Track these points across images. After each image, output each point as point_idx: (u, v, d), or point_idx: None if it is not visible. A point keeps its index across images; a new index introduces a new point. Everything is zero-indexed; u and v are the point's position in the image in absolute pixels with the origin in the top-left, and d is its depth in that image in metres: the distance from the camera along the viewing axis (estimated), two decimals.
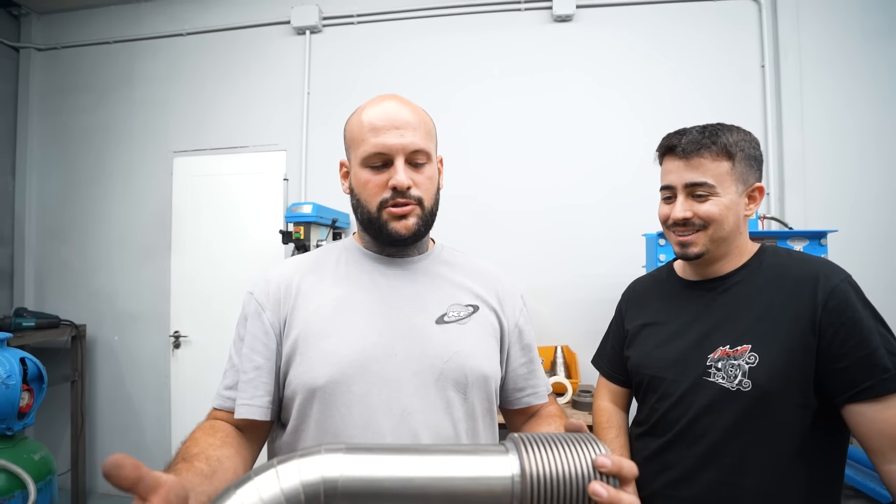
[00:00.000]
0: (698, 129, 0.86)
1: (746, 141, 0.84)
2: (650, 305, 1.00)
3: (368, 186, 0.71)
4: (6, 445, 1.17)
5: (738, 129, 0.86)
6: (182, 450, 0.60)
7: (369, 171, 0.71)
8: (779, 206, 2.30)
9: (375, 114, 0.72)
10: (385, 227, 0.71)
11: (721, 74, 2.35)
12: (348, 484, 0.44)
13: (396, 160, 0.70)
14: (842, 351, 0.74)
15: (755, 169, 0.85)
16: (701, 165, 0.83)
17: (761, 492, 0.77)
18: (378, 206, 0.71)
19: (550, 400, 0.86)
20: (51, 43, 2.91)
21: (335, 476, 0.44)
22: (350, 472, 0.45)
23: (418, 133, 0.72)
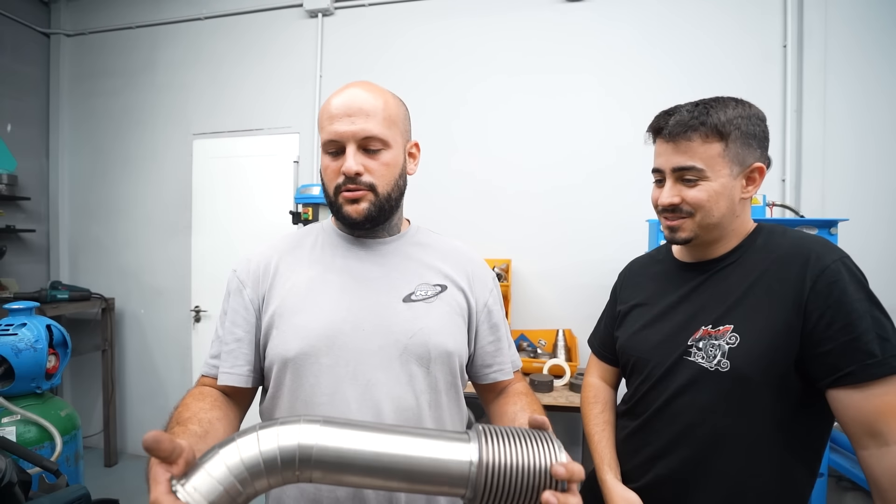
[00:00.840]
0: (688, 108, 0.81)
1: (744, 117, 0.78)
2: (643, 286, 0.99)
3: (327, 172, 0.75)
4: (36, 402, 1.30)
5: (737, 104, 0.80)
6: (175, 414, 0.67)
7: (328, 158, 0.75)
8: (794, 194, 2.23)
9: (335, 102, 0.74)
10: (340, 209, 0.75)
11: (741, 54, 2.26)
12: (322, 453, 0.49)
13: (348, 147, 0.72)
14: (827, 334, 0.70)
15: (755, 148, 0.79)
16: (689, 149, 0.79)
17: (734, 471, 0.78)
18: (335, 191, 0.75)
19: (517, 377, 0.90)
20: (79, 29, 3.03)
21: (310, 444, 0.49)
22: (324, 442, 0.49)
23: (373, 120, 0.73)
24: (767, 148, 0.83)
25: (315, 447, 0.49)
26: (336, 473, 0.50)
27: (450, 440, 0.52)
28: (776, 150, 2.22)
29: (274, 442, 0.49)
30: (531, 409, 0.79)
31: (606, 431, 0.98)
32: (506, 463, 0.50)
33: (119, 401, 2.96)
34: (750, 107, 0.81)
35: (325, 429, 0.50)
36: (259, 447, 0.48)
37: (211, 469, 0.47)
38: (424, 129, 2.52)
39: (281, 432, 0.49)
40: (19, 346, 1.22)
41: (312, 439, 0.49)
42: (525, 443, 0.53)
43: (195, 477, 0.47)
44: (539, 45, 2.43)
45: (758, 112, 0.81)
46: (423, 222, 2.28)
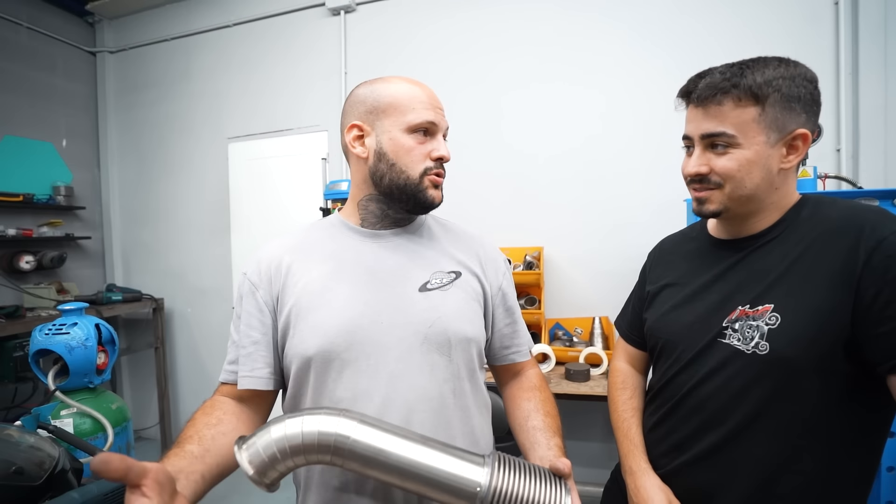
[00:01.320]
0: (722, 69, 0.74)
1: (786, 78, 0.70)
2: (675, 264, 0.92)
3: (413, 153, 0.74)
4: (89, 396, 1.39)
5: (780, 64, 0.72)
6: (181, 433, 0.67)
7: (415, 139, 0.75)
8: (852, 164, 2.04)
9: (421, 89, 0.77)
10: (424, 192, 0.76)
11: (787, 13, 2.08)
12: (354, 444, 0.56)
13: (439, 135, 0.77)
14: (885, 313, 0.63)
15: (798, 112, 0.71)
16: (720, 113, 0.72)
17: (768, 464, 0.71)
18: (422, 173, 0.75)
19: (532, 362, 0.89)
20: (120, 45, 3.20)
21: (347, 435, 0.56)
22: (360, 437, 0.57)
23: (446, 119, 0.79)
24: (817, 114, 0.75)
25: (350, 439, 0.56)
26: (364, 467, 0.57)
27: (466, 460, 0.58)
28: (829, 117, 2.04)
29: (316, 427, 0.56)
30: (544, 411, 0.80)
31: (635, 419, 0.93)
32: (510, 494, 0.56)
33: (172, 394, 3.13)
34: (796, 66, 0.73)
35: (362, 427, 0.57)
36: (302, 428, 0.56)
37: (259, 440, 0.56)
38: (453, 120, 2.49)
39: (323, 421, 0.57)
40: (72, 343, 1.31)
41: (350, 432, 0.57)
42: (534, 481, 0.58)
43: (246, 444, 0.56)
44: (563, 26, 2.34)
45: (805, 72, 0.73)
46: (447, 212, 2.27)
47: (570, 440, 2.27)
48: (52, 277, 2.83)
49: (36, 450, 0.84)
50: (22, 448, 0.82)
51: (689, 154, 0.80)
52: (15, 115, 2.75)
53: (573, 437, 2.24)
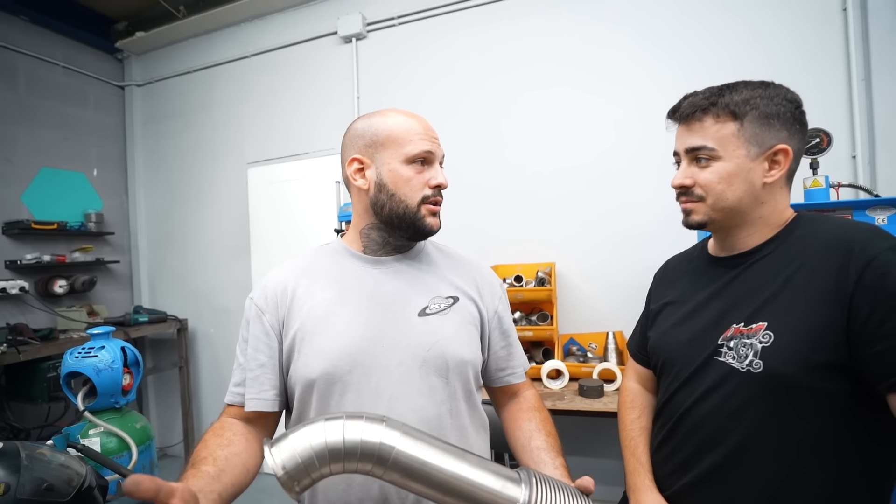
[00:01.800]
0: (704, 91, 0.80)
1: (764, 98, 0.75)
2: (676, 283, 0.94)
3: (411, 182, 0.78)
4: (115, 416, 1.46)
5: (759, 85, 0.77)
6: (193, 455, 0.71)
7: (413, 169, 0.78)
8: (868, 171, 2.01)
9: (416, 121, 0.80)
10: (422, 220, 0.79)
11: (794, 22, 2.08)
12: (399, 455, 0.55)
13: (436, 164, 0.80)
14: (880, 332, 0.63)
15: (778, 129, 0.75)
16: (701, 129, 0.77)
17: (769, 485, 0.71)
18: (419, 201, 0.78)
19: (527, 383, 0.92)
20: (147, 78, 3.38)
21: (392, 445, 0.54)
22: (404, 447, 0.55)
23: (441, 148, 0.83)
24: (801, 133, 0.77)
25: (395, 450, 0.54)
26: (404, 477, 0.55)
27: (505, 478, 0.57)
28: (843, 123, 2.02)
29: (358, 434, 0.54)
30: (545, 431, 0.81)
31: (642, 438, 0.93)
32: None
33: (196, 413, 3.21)
34: (776, 87, 0.77)
35: (405, 438, 0.56)
36: (344, 435, 0.54)
37: (295, 443, 0.54)
38: (462, 137, 2.55)
39: (366, 428, 0.55)
40: (99, 366, 1.39)
41: (394, 442, 0.55)
42: (568, 499, 0.58)
43: (278, 446, 0.54)
44: (570, 42, 2.38)
45: (785, 93, 0.77)
46: (459, 231, 2.33)
47: (584, 457, 2.24)
48: (84, 300, 2.97)
49: (65, 468, 0.89)
50: (53, 466, 0.87)
51: (678, 169, 0.84)
52: (51, 149, 2.93)
53: (587, 454, 2.22)
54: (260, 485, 2.84)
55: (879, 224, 1.58)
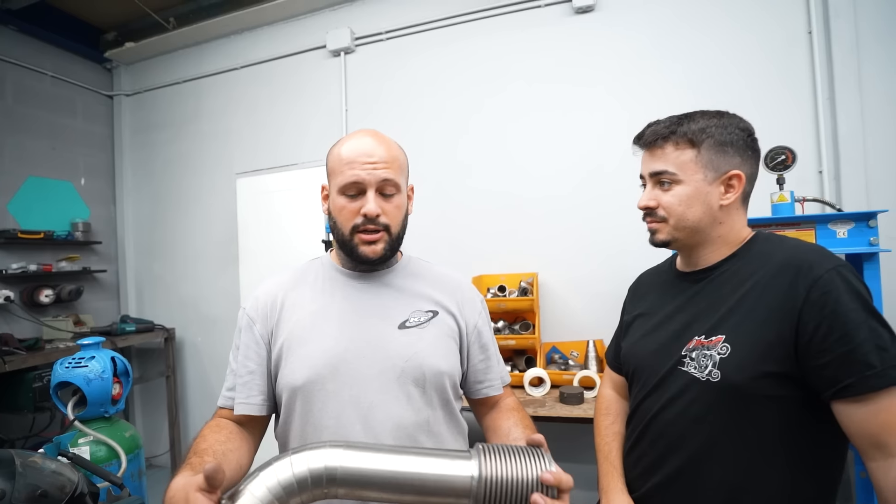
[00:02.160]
0: (665, 120, 0.87)
1: (719, 127, 0.82)
2: (647, 296, 1.01)
3: (343, 212, 0.82)
4: (105, 425, 1.48)
5: (714, 115, 0.84)
6: (193, 445, 0.75)
7: (345, 199, 0.81)
8: (834, 186, 2.11)
9: (353, 148, 0.82)
10: (356, 249, 0.82)
11: (762, 46, 2.18)
12: (345, 473, 0.57)
13: (368, 191, 0.80)
14: (824, 346, 0.70)
15: (732, 155, 0.82)
16: (663, 155, 0.85)
17: (729, 485, 0.77)
18: (351, 230, 0.82)
19: (507, 392, 0.95)
20: (136, 88, 3.40)
21: (335, 466, 0.57)
22: (347, 463, 0.57)
23: (390, 168, 0.81)
24: (754, 158, 0.85)
25: (339, 468, 0.57)
26: (358, 490, 0.58)
27: (454, 458, 0.60)
28: (810, 140, 2.13)
29: (305, 465, 0.57)
30: (523, 424, 0.85)
31: (615, 442, 0.99)
32: (502, 476, 0.58)
33: (182, 423, 3.20)
34: (730, 117, 0.85)
35: (348, 452, 0.58)
36: (293, 470, 0.57)
37: (253, 489, 0.56)
38: (440, 147, 2.62)
39: (310, 456, 0.58)
40: (89, 376, 1.41)
41: (337, 461, 0.57)
42: (519, 458, 0.60)
43: (241, 499, 0.56)
44: (552, 58, 2.46)
45: (738, 122, 0.84)
46: (444, 242, 2.37)
47: (565, 462, 2.29)
48: (70, 310, 2.96)
49: (58, 475, 0.92)
50: (45, 473, 0.90)
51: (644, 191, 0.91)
52: (38, 158, 2.93)
53: (568, 460, 2.27)
54: None
55: (840, 237, 1.67)
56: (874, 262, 1.66)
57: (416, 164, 2.52)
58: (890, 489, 0.66)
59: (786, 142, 1.87)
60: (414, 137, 2.65)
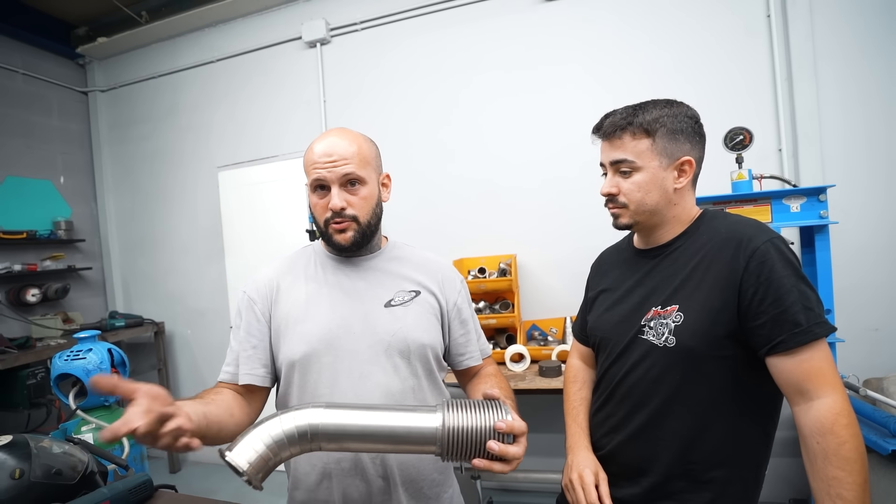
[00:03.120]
0: (621, 111, 0.93)
1: (670, 116, 0.89)
2: (608, 273, 1.09)
3: (316, 208, 0.91)
4: (106, 413, 1.56)
5: (665, 105, 0.91)
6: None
7: (315, 196, 0.90)
8: (793, 163, 2.23)
9: (317, 148, 0.89)
10: (331, 238, 0.91)
11: (724, 28, 2.27)
12: (326, 427, 0.67)
13: (332, 187, 0.87)
14: (760, 309, 0.78)
15: (682, 142, 0.89)
16: (622, 145, 0.91)
17: (686, 434, 0.87)
18: (325, 223, 0.90)
19: (487, 362, 1.05)
20: (111, 84, 3.37)
21: (317, 422, 0.67)
22: (328, 420, 0.67)
23: (351, 162, 0.87)
24: (702, 144, 0.93)
25: (321, 424, 0.67)
26: (338, 442, 0.68)
27: (422, 412, 0.70)
28: (769, 119, 2.24)
29: (292, 423, 0.67)
30: (498, 386, 0.94)
31: (582, 406, 1.08)
32: (462, 425, 0.68)
33: None
34: (679, 106, 0.92)
35: (328, 410, 0.68)
36: (282, 427, 0.67)
37: (249, 441, 0.66)
38: (422, 137, 2.68)
39: (297, 415, 0.67)
40: (88, 367, 1.47)
41: (319, 419, 0.67)
42: (478, 410, 0.70)
43: (237, 447, 0.65)
44: (523, 44, 2.52)
45: (686, 111, 0.92)
46: (426, 227, 2.47)
47: (544, 433, 2.43)
48: (58, 308, 2.98)
49: (69, 455, 0.99)
50: (58, 455, 0.98)
51: (604, 178, 0.99)
52: (15, 157, 2.91)
53: (546, 430, 2.41)
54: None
55: (793, 211, 1.80)
56: (824, 234, 1.80)
57: (398, 154, 2.60)
58: (806, 426, 0.77)
59: (747, 121, 1.98)
60: (392, 128, 2.71)
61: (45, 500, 0.88)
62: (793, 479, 2.18)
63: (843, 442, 0.73)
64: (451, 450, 0.68)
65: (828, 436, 0.74)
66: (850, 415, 0.75)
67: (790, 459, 2.13)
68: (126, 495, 0.98)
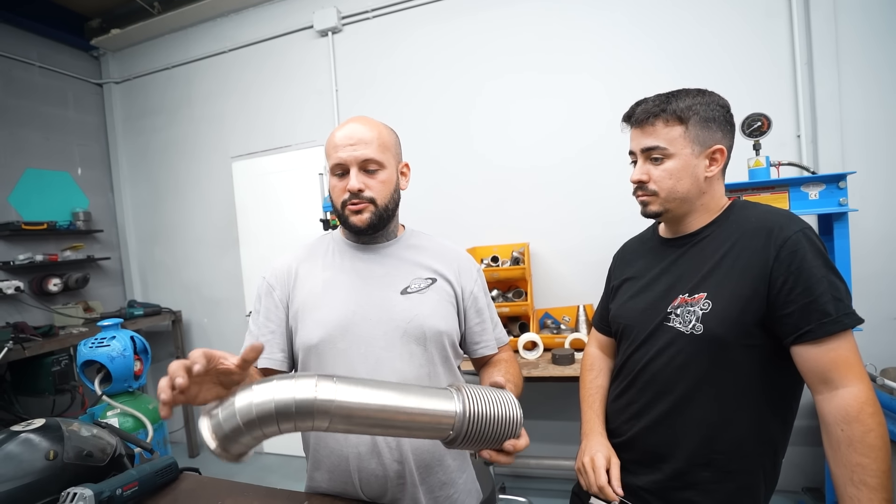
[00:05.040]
0: (653, 98, 0.93)
1: (703, 104, 0.89)
2: (633, 262, 1.09)
3: (335, 190, 0.93)
4: (130, 398, 1.60)
5: (698, 93, 0.91)
6: None
7: (335, 178, 0.92)
8: (811, 149, 2.19)
9: (339, 134, 0.91)
10: (347, 220, 0.92)
11: (741, 14, 2.23)
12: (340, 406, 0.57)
13: (351, 169, 0.90)
14: (789, 297, 0.79)
15: (715, 130, 0.89)
16: (654, 132, 0.90)
17: (708, 421, 0.87)
18: (342, 205, 0.92)
19: (503, 349, 1.06)
20: (125, 75, 3.40)
21: (331, 398, 0.58)
22: (340, 397, 0.58)
23: (371, 147, 0.90)
24: (732, 133, 0.93)
25: (336, 402, 0.57)
26: (346, 424, 0.59)
27: (439, 396, 0.67)
28: (788, 105, 2.20)
29: (289, 394, 0.56)
30: (506, 372, 0.96)
31: (598, 395, 1.09)
32: (482, 416, 0.68)
33: None
34: (710, 94, 0.92)
35: (340, 385, 0.59)
36: (274, 396, 0.55)
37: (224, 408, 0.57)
38: (435, 125, 2.67)
39: (298, 386, 0.56)
40: (112, 354, 1.51)
41: (329, 394, 0.57)
42: (494, 401, 0.70)
43: (220, 409, 0.57)
44: (544, 30, 2.48)
45: (718, 99, 0.92)
46: (439, 216, 2.46)
47: (556, 420, 2.45)
48: (78, 297, 3.05)
49: (98, 438, 1.03)
50: (88, 438, 1.01)
51: (634, 166, 0.98)
52: (34, 149, 2.97)
53: (559, 418, 2.43)
54: (262, 463, 3.01)
55: (812, 199, 1.77)
56: (843, 222, 1.77)
57: (411, 143, 2.59)
58: (830, 414, 0.77)
59: (765, 107, 1.94)
60: (406, 117, 2.70)
61: (77, 481, 0.91)
62: (806, 468, 2.17)
63: (868, 430, 0.73)
64: (465, 439, 0.67)
65: (853, 423, 0.74)
66: (876, 404, 0.75)
67: (804, 448, 2.12)
68: (153, 477, 1.02)
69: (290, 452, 3.00)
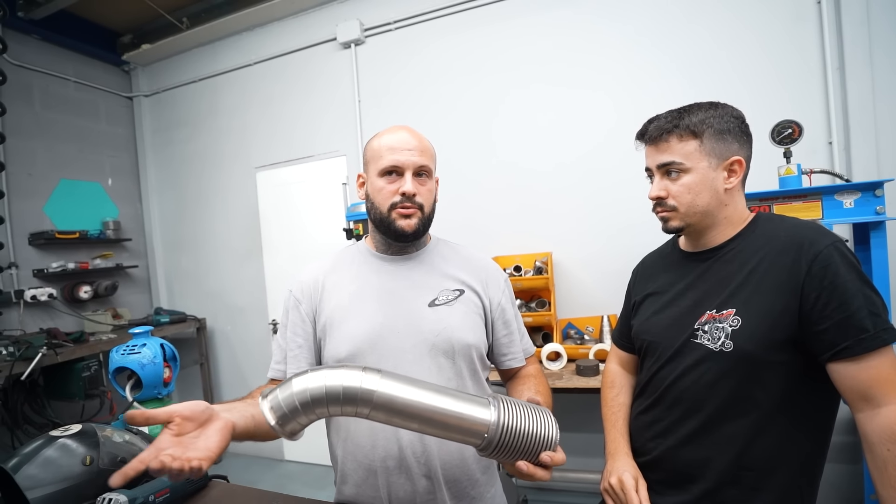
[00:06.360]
0: (665, 115, 0.92)
1: (716, 117, 0.88)
2: (655, 277, 1.07)
3: (383, 192, 0.92)
4: (159, 405, 1.62)
5: (710, 107, 0.90)
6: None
7: (383, 181, 0.92)
8: (844, 156, 2.12)
9: (392, 138, 0.93)
10: (393, 224, 0.91)
11: (769, 19, 2.19)
12: (380, 398, 0.63)
13: (406, 173, 0.91)
14: (824, 313, 0.76)
15: (731, 142, 0.88)
16: (669, 148, 0.90)
17: (738, 442, 0.84)
18: (389, 208, 0.91)
19: (530, 361, 1.05)
20: (154, 89, 3.51)
21: (373, 388, 0.63)
22: (384, 389, 0.64)
23: (425, 155, 0.93)
24: (749, 143, 0.91)
25: (376, 392, 0.63)
26: (387, 414, 0.65)
27: (476, 403, 0.68)
28: (819, 111, 2.14)
29: (338, 381, 0.63)
30: (536, 389, 0.94)
31: (621, 413, 1.06)
32: (517, 427, 0.68)
33: None
34: (723, 107, 0.90)
35: (384, 380, 0.65)
36: (325, 382, 0.63)
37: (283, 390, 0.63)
38: (459, 136, 2.68)
39: (345, 376, 0.63)
40: (143, 361, 1.54)
41: (374, 386, 0.63)
42: (531, 413, 0.70)
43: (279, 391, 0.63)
44: (563, 41, 2.48)
45: (731, 111, 0.90)
46: (462, 225, 2.45)
47: (580, 433, 2.40)
48: (107, 304, 3.13)
49: (131, 444, 1.05)
50: (121, 444, 1.03)
51: (651, 183, 0.97)
52: (68, 161, 3.08)
53: (583, 430, 2.38)
54: (283, 471, 3.03)
55: (847, 207, 1.71)
56: (881, 231, 1.70)
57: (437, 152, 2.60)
58: (874, 433, 0.74)
59: (795, 113, 1.89)
60: (427, 126, 2.72)
61: (112, 487, 0.93)
62: (842, 486, 2.08)
63: None
64: (498, 447, 0.67)
65: None
66: None
67: (839, 466, 2.04)
68: (184, 484, 1.03)
69: (311, 461, 3.01)
